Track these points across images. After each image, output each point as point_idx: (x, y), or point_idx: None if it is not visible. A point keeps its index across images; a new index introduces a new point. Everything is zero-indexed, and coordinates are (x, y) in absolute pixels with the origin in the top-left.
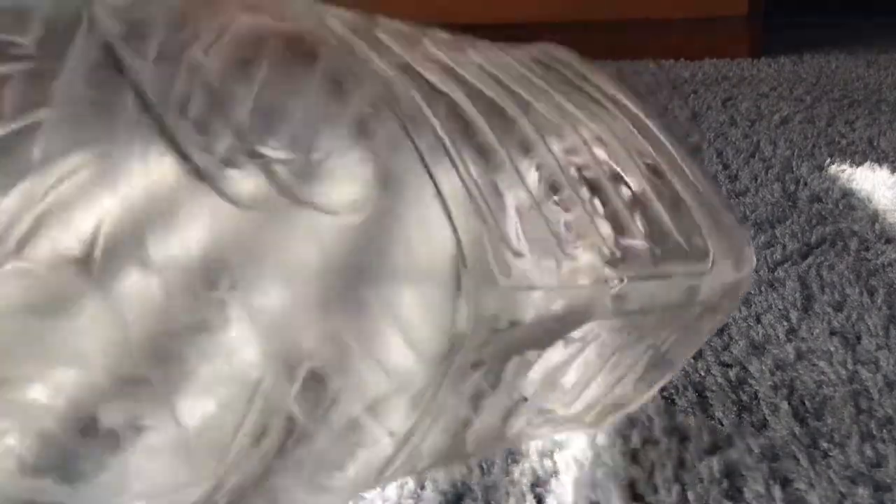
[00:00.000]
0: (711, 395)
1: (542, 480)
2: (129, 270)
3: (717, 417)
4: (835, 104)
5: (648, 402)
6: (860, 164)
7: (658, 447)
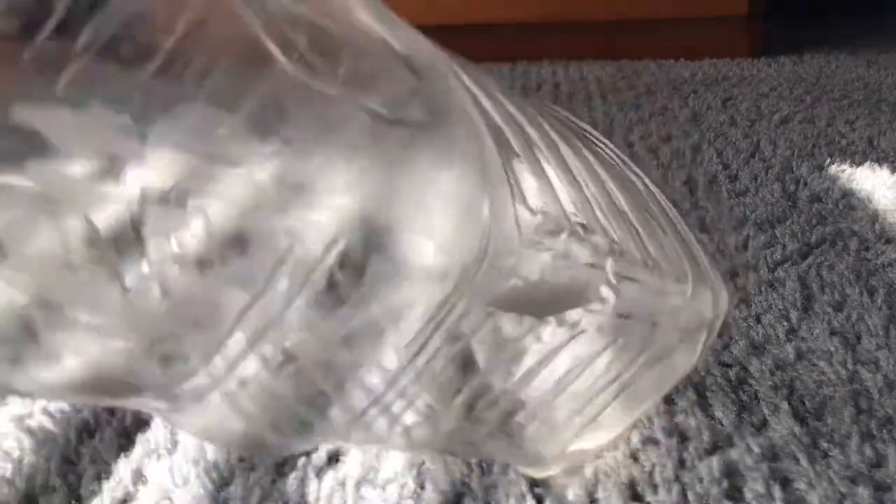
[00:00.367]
0: (711, 395)
1: (542, 480)
2: None
3: (717, 417)
4: (835, 104)
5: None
6: (860, 164)
7: (658, 447)
